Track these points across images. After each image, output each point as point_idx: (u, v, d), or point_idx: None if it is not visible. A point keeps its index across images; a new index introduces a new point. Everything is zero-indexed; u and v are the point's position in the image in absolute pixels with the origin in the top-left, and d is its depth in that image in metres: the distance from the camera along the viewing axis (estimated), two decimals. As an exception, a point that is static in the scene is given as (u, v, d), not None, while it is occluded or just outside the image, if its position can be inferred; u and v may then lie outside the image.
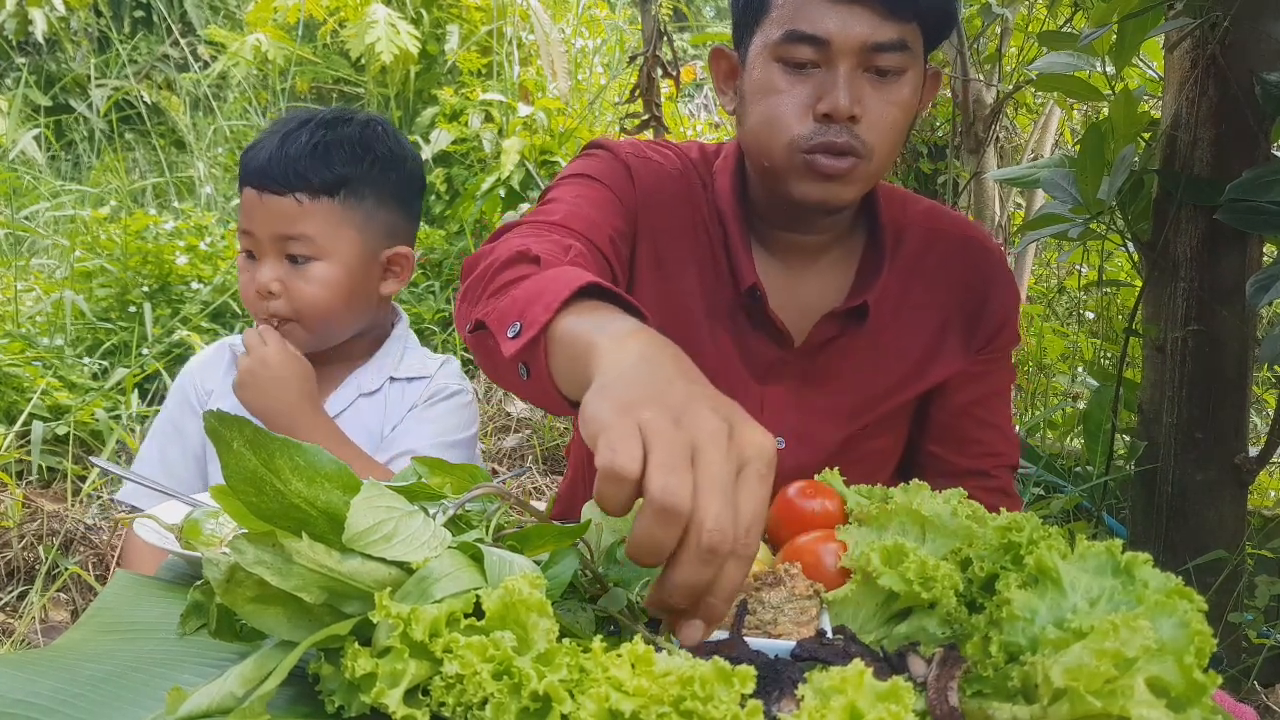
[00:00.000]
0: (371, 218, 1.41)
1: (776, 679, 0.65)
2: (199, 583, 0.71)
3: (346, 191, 1.38)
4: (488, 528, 0.77)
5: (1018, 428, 3.01)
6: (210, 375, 1.50)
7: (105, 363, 3.20)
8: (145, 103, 5.19)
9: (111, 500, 2.66)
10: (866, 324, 1.29)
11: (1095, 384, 2.53)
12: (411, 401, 1.48)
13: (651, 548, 0.62)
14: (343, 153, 1.38)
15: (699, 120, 5.30)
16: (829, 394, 1.32)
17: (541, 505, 1.93)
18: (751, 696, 0.57)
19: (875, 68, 1.15)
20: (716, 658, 0.58)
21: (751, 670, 0.57)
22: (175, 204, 4.43)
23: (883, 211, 1.31)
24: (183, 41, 5.60)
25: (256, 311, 1.41)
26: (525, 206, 3.74)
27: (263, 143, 1.39)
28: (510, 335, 0.87)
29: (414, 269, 1.51)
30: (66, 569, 2.40)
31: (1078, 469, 2.42)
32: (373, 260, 1.42)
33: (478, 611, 0.65)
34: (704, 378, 0.72)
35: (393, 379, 1.48)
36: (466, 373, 1.67)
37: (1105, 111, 2.00)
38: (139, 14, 6.01)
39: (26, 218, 4.14)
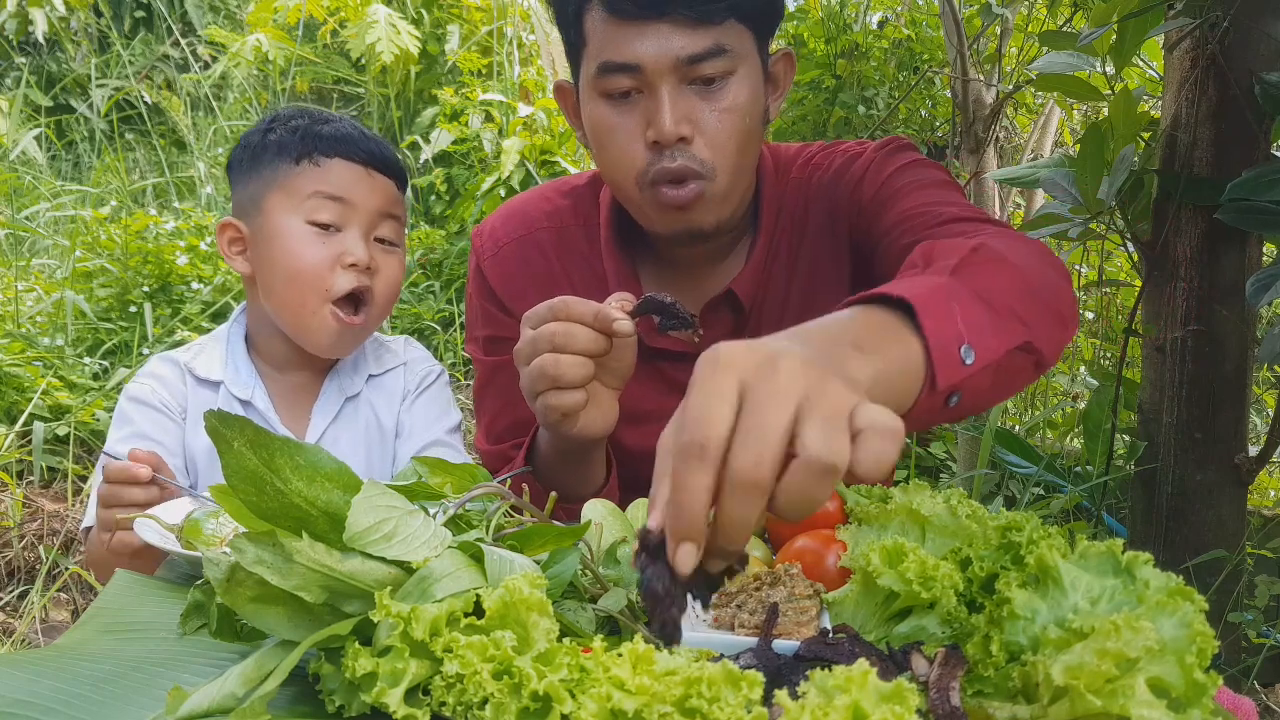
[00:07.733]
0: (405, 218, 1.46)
1: (779, 678, 0.65)
2: (199, 582, 0.71)
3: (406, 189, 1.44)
4: (488, 527, 0.77)
5: (1016, 428, 3.01)
6: (173, 392, 1.38)
7: (106, 363, 3.20)
8: (146, 103, 5.19)
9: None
10: (749, 309, 1.25)
11: (1095, 384, 2.53)
12: (400, 390, 1.46)
13: None
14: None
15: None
16: None
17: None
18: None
19: (699, 79, 1.08)
20: (726, 660, 0.58)
21: (760, 677, 0.57)
22: (176, 204, 4.43)
23: (765, 191, 1.26)
24: (183, 42, 5.61)
25: (328, 285, 1.30)
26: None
27: (321, 122, 1.36)
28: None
29: None
30: (67, 569, 2.40)
31: (1078, 469, 2.42)
32: None
33: (478, 611, 0.65)
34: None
35: (371, 376, 1.45)
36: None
37: (1105, 111, 2.00)
38: (139, 14, 6.01)
39: (27, 218, 4.14)
